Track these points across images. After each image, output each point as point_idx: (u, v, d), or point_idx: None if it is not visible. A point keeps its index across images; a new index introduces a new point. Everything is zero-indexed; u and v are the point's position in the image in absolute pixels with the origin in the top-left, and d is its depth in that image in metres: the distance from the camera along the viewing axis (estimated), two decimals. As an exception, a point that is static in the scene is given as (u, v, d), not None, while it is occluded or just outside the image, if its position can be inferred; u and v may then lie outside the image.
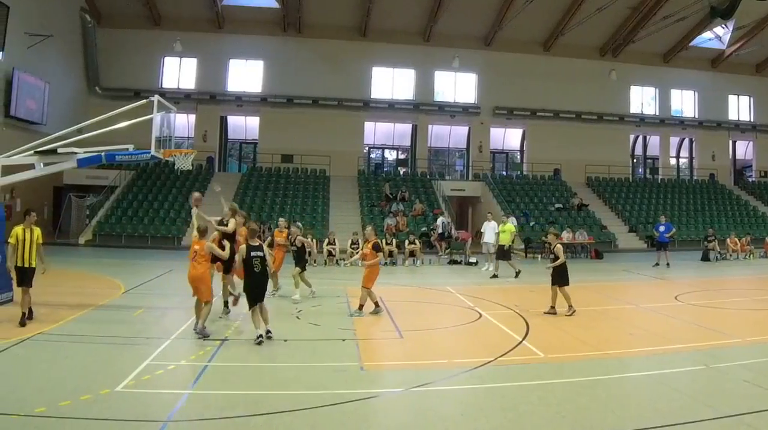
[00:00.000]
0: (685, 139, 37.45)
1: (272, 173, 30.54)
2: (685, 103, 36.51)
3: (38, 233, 9.02)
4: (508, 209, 26.35)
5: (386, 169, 34.28)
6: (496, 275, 16.16)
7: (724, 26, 32.93)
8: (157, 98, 11.12)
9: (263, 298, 8.22)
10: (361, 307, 10.05)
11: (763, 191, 34.49)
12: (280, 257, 12.11)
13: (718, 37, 34.50)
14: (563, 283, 10.48)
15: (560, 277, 10.50)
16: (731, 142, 37.59)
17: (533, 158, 33.68)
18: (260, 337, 7.89)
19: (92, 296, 11.16)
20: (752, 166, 37.87)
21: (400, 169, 33.96)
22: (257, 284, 8.16)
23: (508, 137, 35.53)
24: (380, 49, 32.05)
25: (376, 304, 10.19)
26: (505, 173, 35.13)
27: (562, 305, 10.43)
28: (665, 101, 35.95)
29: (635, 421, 5.33)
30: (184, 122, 31.01)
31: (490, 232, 18.11)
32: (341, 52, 31.75)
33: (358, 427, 5.27)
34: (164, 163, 15.09)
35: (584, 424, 5.31)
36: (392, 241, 19.85)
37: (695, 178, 36.30)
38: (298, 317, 9.94)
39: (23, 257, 8.80)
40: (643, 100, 35.93)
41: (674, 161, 37.80)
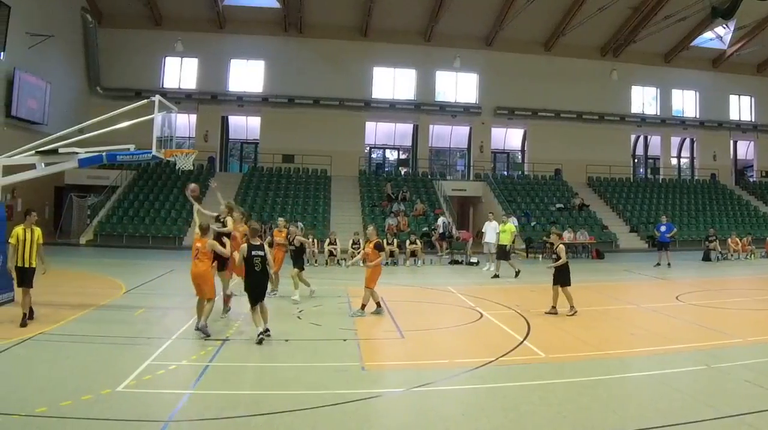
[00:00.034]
0: (686, 139, 37.43)
1: (273, 173, 30.55)
2: (686, 103, 36.48)
3: (39, 233, 9.01)
4: (509, 209, 26.33)
5: (387, 169, 34.24)
6: (497, 275, 16.18)
7: (725, 26, 32.89)
8: (158, 98, 11.14)
9: (264, 297, 8.25)
10: (363, 307, 10.05)
11: (764, 191, 34.45)
12: (279, 257, 12.11)
13: (719, 37, 34.44)
14: (565, 283, 10.48)
15: (562, 277, 10.50)
16: (732, 142, 37.56)
17: (534, 158, 33.66)
18: (261, 334, 7.90)
19: (93, 296, 11.17)
20: (753, 166, 37.82)
21: (401, 169, 33.93)
22: (258, 284, 8.17)
23: (509, 137, 35.50)
24: (381, 49, 32.04)
25: (377, 304, 10.21)
26: (506, 173, 35.13)
27: (562, 306, 10.42)
28: (666, 101, 35.91)
29: (636, 421, 5.33)
30: (185, 122, 31.01)
31: (491, 232, 18.09)
32: (342, 52, 31.75)
33: (359, 427, 5.27)
34: (165, 163, 15.09)
35: (585, 424, 5.31)
36: (393, 241, 19.84)
37: (696, 178, 36.26)
38: (299, 317, 9.94)
39: (23, 257, 8.79)
40: (644, 100, 35.90)
41: (675, 161, 37.74)
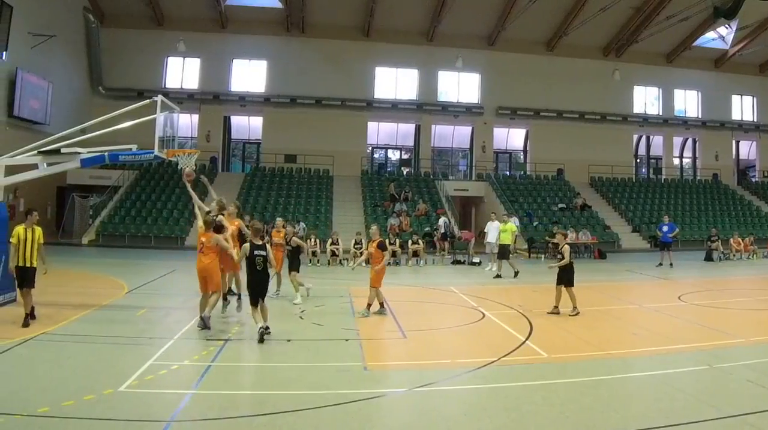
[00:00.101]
0: (688, 139, 37.40)
1: (275, 173, 30.57)
2: (688, 103, 36.44)
3: (39, 233, 9.01)
4: (511, 209, 26.31)
5: (389, 169, 34.27)
6: (499, 275, 16.17)
7: (727, 26, 32.86)
8: (160, 98, 11.14)
9: (264, 296, 8.29)
10: (369, 306, 10.05)
11: (766, 191, 34.40)
12: (279, 257, 12.11)
13: (721, 37, 34.39)
14: (569, 283, 10.47)
15: (567, 277, 10.49)
16: (734, 142, 37.55)
17: (536, 158, 33.65)
18: (262, 328, 7.94)
19: (95, 296, 11.17)
20: (755, 166, 37.78)
21: (403, 169, 33.95)
22: (259, 283, 8.20)
23: (511, 137, 35.49)
24: (383, 49, 32.05)
25: (381, 304, 10.21)
26: (508, 173, 35.15)
27: (565, 305, 10.40)
28: (668, 101, 35.86)
29: (638, 421, 5.32)
30: (187, 122, 31.05)
31: (493, 232, 18.09)
32: (344, 52, 31.76)
33: (361, 427, 5.26)
34: (167, 163, 15.09)
35: (588, 424, 5.30)
36: (395, 241, 19.84)
37: (698, 178, 36.23)
38: (301, 317, 9.94)
39: (24, 257, 8.79)
40: (646, 100, 35.86)
41: (677, 161, 37.74)
